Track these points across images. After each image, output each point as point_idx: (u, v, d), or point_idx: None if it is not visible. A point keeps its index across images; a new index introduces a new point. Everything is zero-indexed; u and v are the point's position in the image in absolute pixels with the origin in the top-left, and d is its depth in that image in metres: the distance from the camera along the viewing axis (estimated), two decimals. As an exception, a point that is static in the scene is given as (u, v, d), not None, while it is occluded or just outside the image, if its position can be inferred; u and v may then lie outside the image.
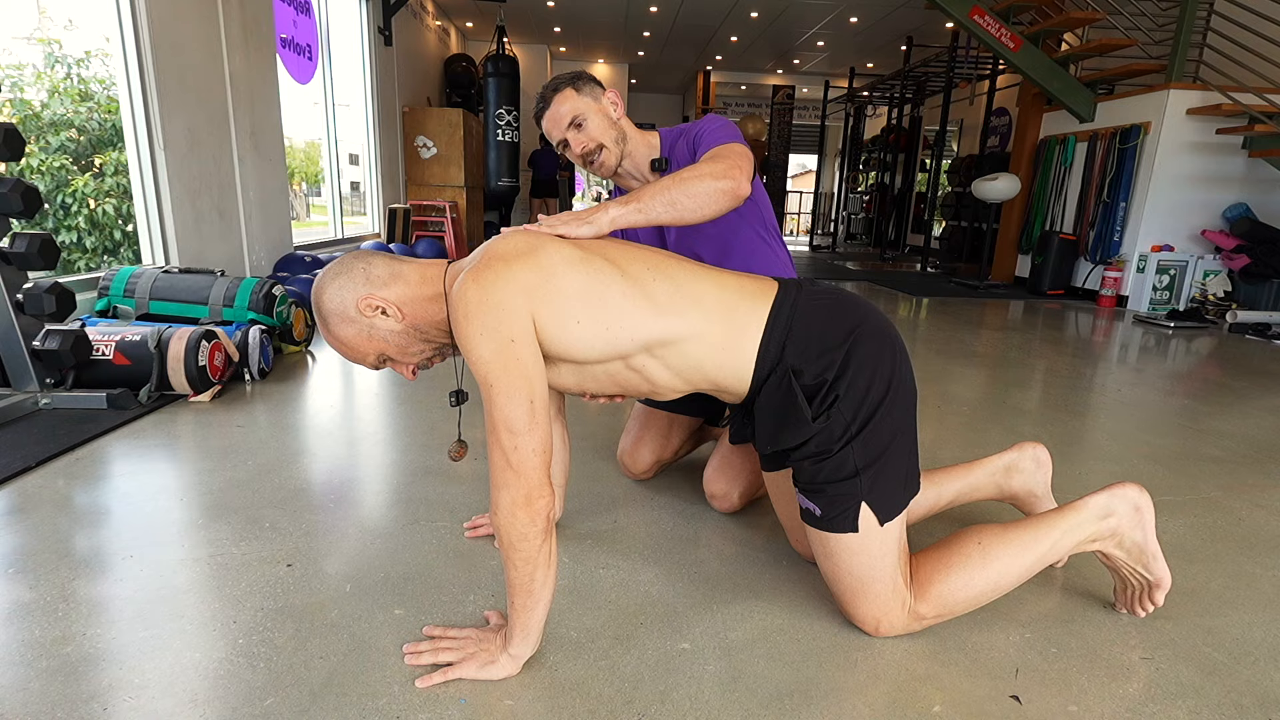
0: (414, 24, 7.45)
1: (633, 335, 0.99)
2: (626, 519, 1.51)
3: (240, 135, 3.73)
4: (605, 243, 1.05)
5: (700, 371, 1.04)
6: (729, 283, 1.06)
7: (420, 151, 7.14)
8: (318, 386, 2.47)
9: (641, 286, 0.99)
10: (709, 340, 1.02)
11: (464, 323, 0.90)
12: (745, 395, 1.08)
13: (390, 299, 1.02)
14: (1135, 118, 5.15)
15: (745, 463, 1.53)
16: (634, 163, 1.48)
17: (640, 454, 1.69)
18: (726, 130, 1.38)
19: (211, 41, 3.46)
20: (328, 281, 1.03)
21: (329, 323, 1.04)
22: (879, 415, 1.01)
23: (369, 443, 1.95)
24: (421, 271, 1.04)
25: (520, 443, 0.90)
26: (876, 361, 1.02)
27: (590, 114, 1.40)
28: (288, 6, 4.59)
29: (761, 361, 1.04)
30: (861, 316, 1.05)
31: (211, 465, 1.74)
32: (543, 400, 0.92)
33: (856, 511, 1.02)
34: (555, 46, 10.96)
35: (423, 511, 1.51)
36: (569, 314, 0.95)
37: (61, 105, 4.69)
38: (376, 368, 1.10)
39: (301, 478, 1.67)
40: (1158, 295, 5.09)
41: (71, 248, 4.89)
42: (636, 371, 1.03)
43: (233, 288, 2.57)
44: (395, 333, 1.03)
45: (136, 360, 2.12)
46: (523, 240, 0.96)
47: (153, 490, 1.59)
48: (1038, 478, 1.36)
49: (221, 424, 2.03)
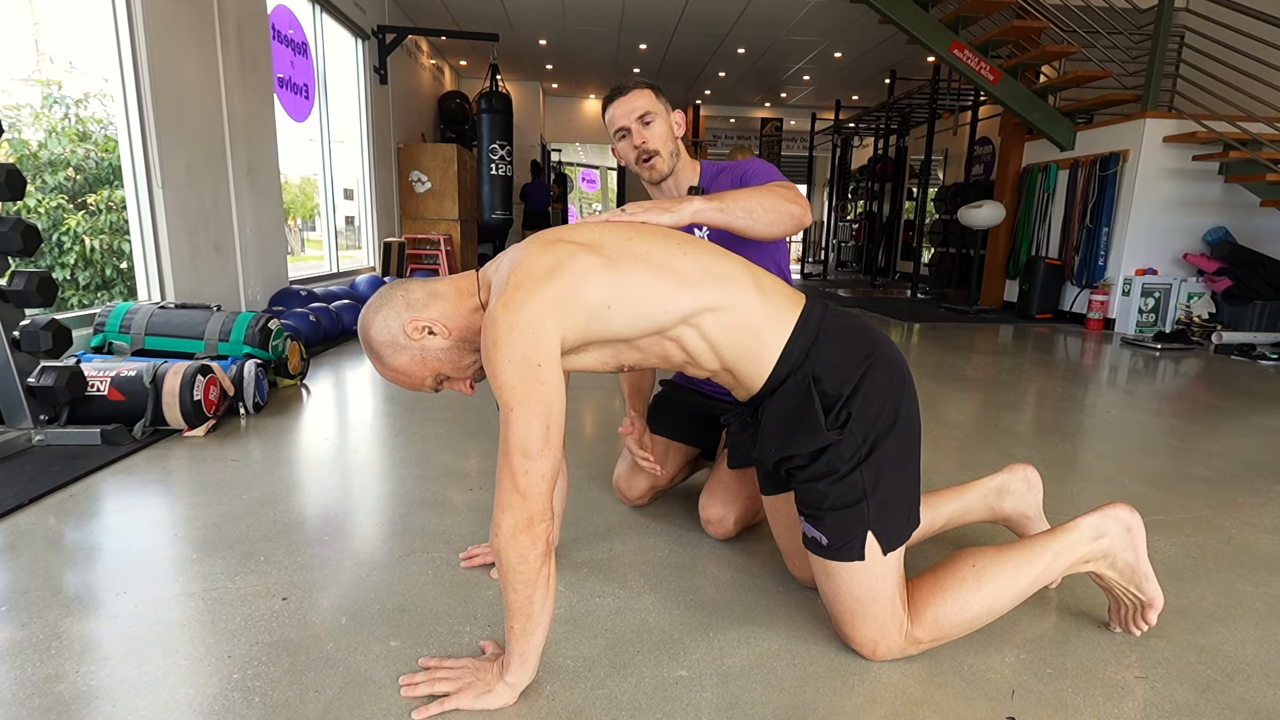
0: (409, 63, 7.61)
1: (667, 308, 0.99)
2: (623, 547, 1.52)
3: (237, 172, 3.78)
4: (633, 238, 1.04)
5: (733, 346, 1.03)
6: (763, 275, 1.08)
7: (415, 186, 7.24)
8: (312, 419, 2.47)
9: (671, 269, 1.01)
10: (744, 314, 1.03)
11: (493, 349, 0.91)
12: (757, 392, 1.08)
13: (435, 317, 1.04)
14: (1114, 146, 5.28)
15: (742, 488, 1.54)
16: (676, 181, 1.55)
17: (635, 481, 1.70)
18: (777, 171, 1.45)
19: (210, 82, 3.53)
20: (371, 315, 1.06)
21: (382, 355, 1.06)
22: (887, 442, 1.02)
23: (364, 475, 1.95)
24: (456, 285, 1.07)
25: (531, 467, 0.91)
26: (887, 390, 1.04)
27: (660, 117, 1.47)
28: (285, 48, 4.70)
29: (784, 359, 1.04)
30: (878, 345, 1.07)
31: (205, 500, 1.74)
32: (558, 426, 0.93)
33: (863, 541, 1.03)
34: (547, 83, 11.20)
35: (418, 543, 1.51)
36: (599, 306, 0.97)
37: (59, 145, 4.76)
38: (436, 390, 1.12)
39: (296, 511, 1.67)
40: (1144, 318, 5.16)
41: (65, 284, 4.92)
42: (674, 341, 1.03)
43: (228, 322, 2.59)
44: (446, 349, 1.05)
45: (131, 396, 2.12)
46: (549, 257, 0.96)
47: (146, 526, 1.58)
48: (1029, 499, 1.38)
49: (216, 458, 2.03)
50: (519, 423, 0.91)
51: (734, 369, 1.07)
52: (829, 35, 8.14)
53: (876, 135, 10.17)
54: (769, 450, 1.10)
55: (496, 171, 7.39)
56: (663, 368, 1.11)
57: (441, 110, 8.87)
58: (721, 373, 1.09)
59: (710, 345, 1.04)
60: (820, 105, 11.84)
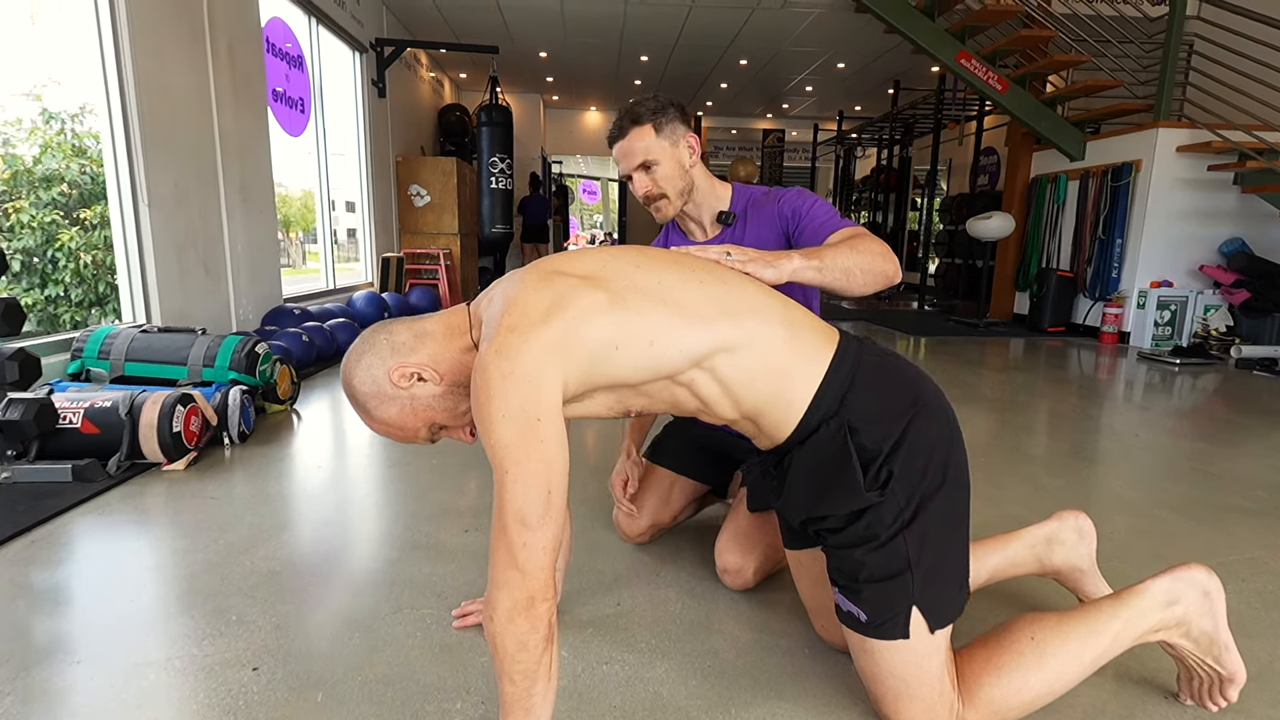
0: (408, 75, 7.54)
1: (681, 349, 0.87)
2: (631, 600, 1.39)
3: (229, 189, 3.68)
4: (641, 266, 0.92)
5: (752, 390, 0.91)
6: (791, 306, 0.96)
7: (414, 200, 7.14)
8: (301, 448, 2.35)
9: (681, 302, 0.89)
10: (767, 353, 0.90)
11: (484, 403, 0.79)
12: (783, 441, 0.95)
13: (423, 362, 0.93)
14: (1126, 156, 5.17)
15: (761, 534, 1.41)
16: (697, 210, 1.45)
17: (636, 519, 1.57)
18: (830, 207, 1.35)
19: (201, 96, 3.43)
20: (354, 364, 0.94)
21: (369, 407, 0.94)
22: (934, 504, 0.90)
23: (353, 512, 1.82)
24: (445, 323, 0.95)
25: (531, 539, 0.79)
26: (934, 443, 0.91)
27: (663, 160, 1.35)
28: (280, 61, 4.61)
29: (816, 406, 0.91)
30: (922, 390, 0.95)
31: (180, 544, 1.61)
32: (561, 489, 0.81)
33: (907, 617, 0.90)
34: (548, 96, 11.14)
35: (407, 597, 1.38)
36: (604, 347, 0.85)
37: (54, 160, 4.67)
38: (432, 440, 1.00)
39: (276, 558, 1.54)
40: (1160, 331, 5.03)
41: (59, 301, 4.82)
42: (685, 386, 0.91)
43: (213, 347, 2.47)
44: (439, 396, 0.94)
45: (106, 428, 2.00)
46: (547, 293, 0.84)
47: (112, 577, 1.46)
48: (1081, 550, 1.25)
49: (195, 495, 1.90)
50: (516, 487, 0.79)
51: (756, 417, 0.94)
52: (832, 46, 8.07)
53: (880, 146, 10.09)
54: (796, 508, 0.97)
55: (497, 185, 7.30)
56: (675, 412, 0.99)
57: (441, 123, 8.79)
58: (741, 421, 0.96)
59: (726, 391, 0.91)
60: (823, 116, 11.77)
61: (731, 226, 1.44)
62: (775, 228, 1.39)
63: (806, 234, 1.32)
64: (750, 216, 1.43)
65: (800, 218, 1.35)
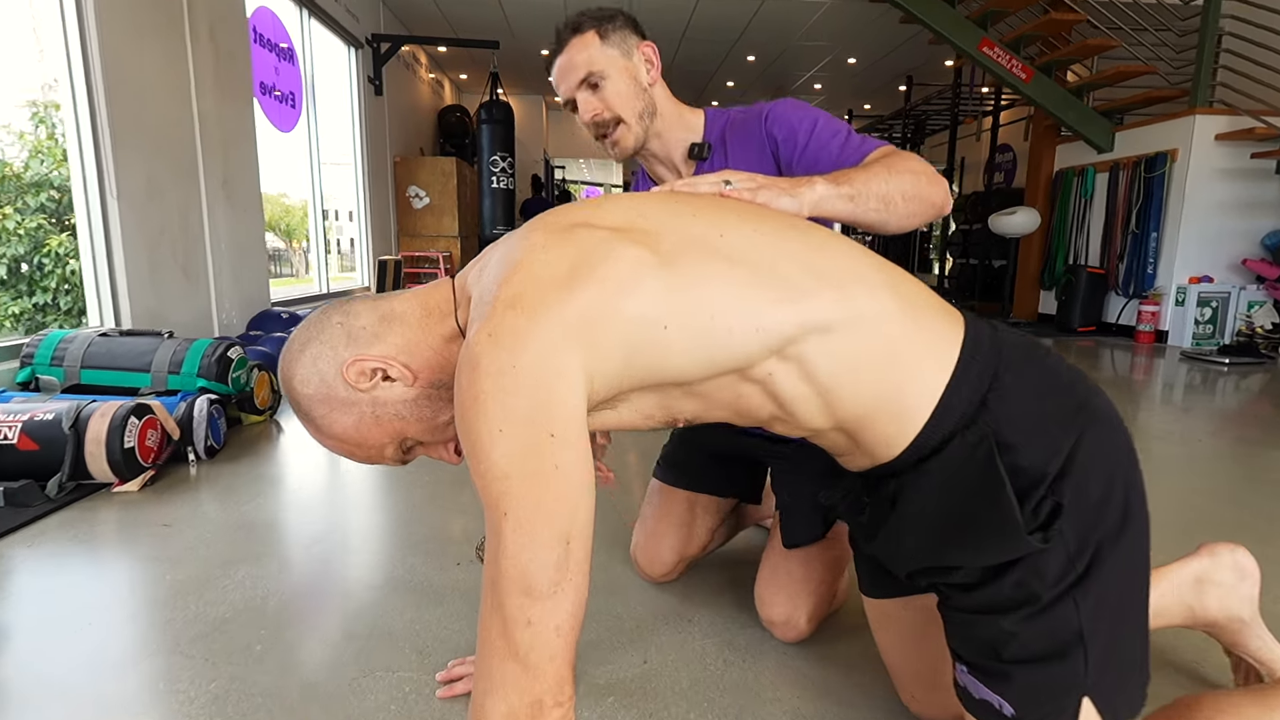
0: (406, 75, 7.32)
1: (758, 328, 0.61)
2: (660, 656, 1.11)
3: (210, 183, 3.43)
4: (698, 213, 0.67)
5: (855, 389, 0.64)
6: (894, 270, 0.69)
7: (412, 202, 6.91)
8: (275, 466, 2.08)
9: (763, 267, 0.63)
10: (877, 336, 0.64)
11: (473, 412, 0.54)
12: (890, 460, 0.68)
13: (390, 354, 0.68)
14: (1159, 145, 4.90)
15: (810, 571, 1.15)
16: (664, 145, 1.14)
17: (659, 551, 1.30)
18: (849, 130, 1.03)
19: (178, 83, 3.19)
20: (294, 356, 0.69)
21: (314, 416, 0.69)
22: (1114, 551, 0.63)
23: (330, 542, 1.55)
24: (422, 302, 0.71)
25: (539, 614, 0.54)
26: (1113, 462, 0.65)
27: (613, 73, 1.06)
28: (269, 53, 4.38)
29: (945, 410, 0.64)
30: (1086, 389, 0.68)
31: (116, 586, 1.35)
32: (584, 539, 0.56)
33: (1075, 711, 0.63)
34: (550, 96, 10.94)
35: (381, 654, 1.11)
36: (649, 327, 0.59)
37: (42, 165, 4.46)
38: (402, 461, 0.74)
39: (227, 602, 1.27)
40: (1200, 329, 4.75)
41: (46, 309, 4.59)
42: (758, 384, 0.65)
43: (180, 351, 2.21)
44: (411, 401, 0.69)
45: (47, 444, 1.74)
46: (568, 251, 0.59)
47: (27, 631, 1.19)
48: (1240, 593, 0.97)
49: (146, 522, 1.64)
50: (518, 537, 0.53)
51: (856, 427, 0.67)
52: (842, 40, 7.83)
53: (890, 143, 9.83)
54: (906, 555, 0.70)
55: (498, 185, 7.06)
56: (736, 421, 0.72)
57: (441, 124, 8.58)
58: (829, 433, 0.69)
59: (818, 390, 0.65)
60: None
61: (707, 160, 1.13)
62: (763, 153, 1.07)
63: (820, 167, 1.01)
64: (730, 144, 1.11)
65: (799, 140, 1.03)
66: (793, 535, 1.16)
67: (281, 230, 10.73)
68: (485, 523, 0.57)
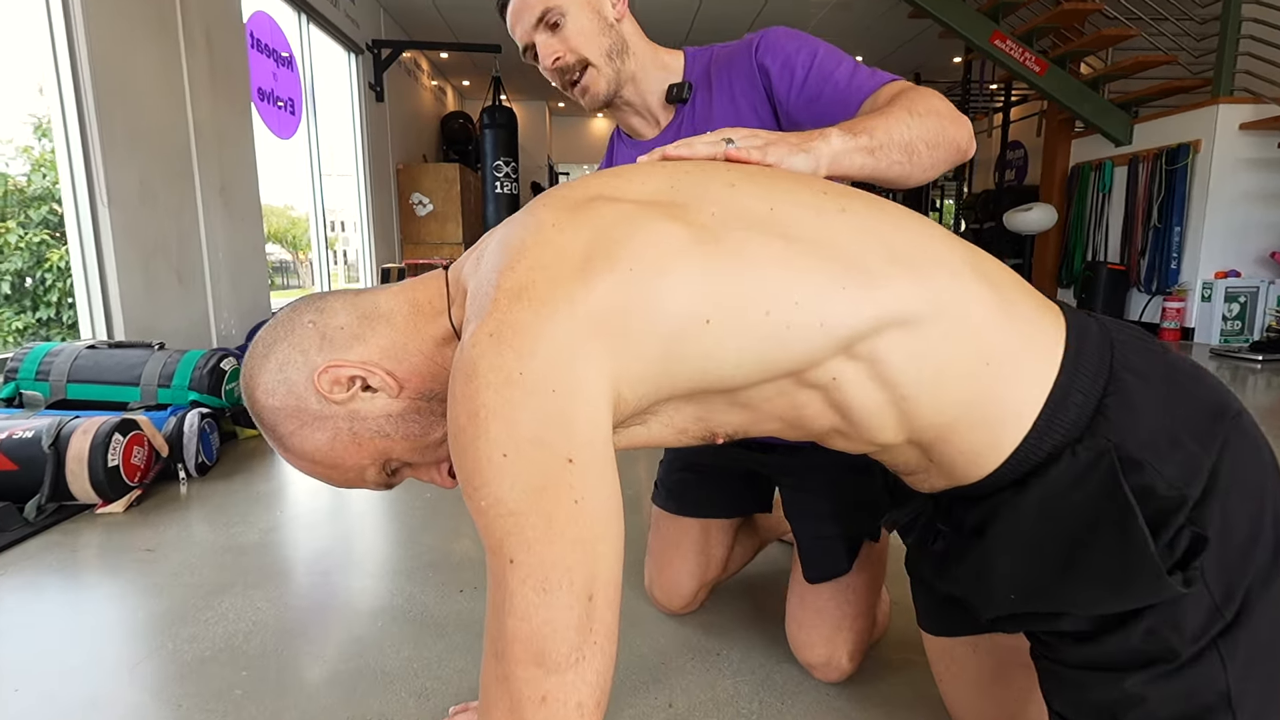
0: (408, 82, 7.26)
1: (823, 321, 0.50)
2: (687, 699, 0.99)
3: (207, 189, 3.34)
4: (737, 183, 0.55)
5: (939, 394, 0.53)
6: (978, 253, 0.57)
7: (416, 209, 6.84)
8: (273, 481, 1.98)
9: (826, 245, 0.51)
10: (966, 331, 0.52)
11: (471, 430, 0.44)
12: (979, 480, 0.57)
13: (370, 359, 0.57)
14: (1181, 137, 4.76)
15: (843, 603, 1.02)
16: (639, 90, 0.99)
17: (676, 580, 1.17)
18: (855, 62, 0.88)
19: (172, 86, 3.11)
20: (258, 360, 0.58)
21: (279, 433, 0.58)
22: (1270, 593, 0.51)
23: (323, 566, 1.44)
24: (410, 298, 0.61)
25: (555, 689, 0.43)
26: (1260, 485, 0.52)
27: (572, 8, 0.92)
28: (267, 58, 4.30)
29: (1050, 419, 0.52)
30: (1223, 392, 0.55)
31: (94, 616, 1.24)
32: (610, 589, 0.45)
33: None
34: (553, 102, 10.88)
35: (374, 699, 0.99)
36: (689, 322, 0.48)
37: (45, 178, 4.40)
38: (387, 485, 0.63)
39: (208, 638, 1.16)
40: (1229, 325, 4.60)
41: (50, 324, 4.53)
42: (819, 390, 0.53)
43: (170, 363, 2.11)
44: (395, 416, 0.58)
45: (26, 463, 1.64)
46: (583, 231, 0.48)
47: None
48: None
49: (127, 547, 1.53)
50: (527, 591, 0.43)
51: (935, 439, 0.55)
52: (849, 36, 7.71)
53: (898, 143, 9.70)
54: (997, 595, 0.58)
55: (501, 190, 6.97)
56: (787, 436, 0.60)
57: (444, 131, 8.51)
58: (901, 448, 0.57)
59: (894, 397, 0.53)
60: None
61: (687, 102, 0.98)
62: (754, 87, 0.93)
63: (820, 99, 0.87)
64: (716, 82, 0.96)
65: (796, 72, 0.89)
66: (814, 569, 1.03)
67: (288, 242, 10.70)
68: (487, 569, 0.46)
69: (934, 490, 0.61)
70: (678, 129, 0.99)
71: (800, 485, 1.05)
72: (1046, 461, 0.53)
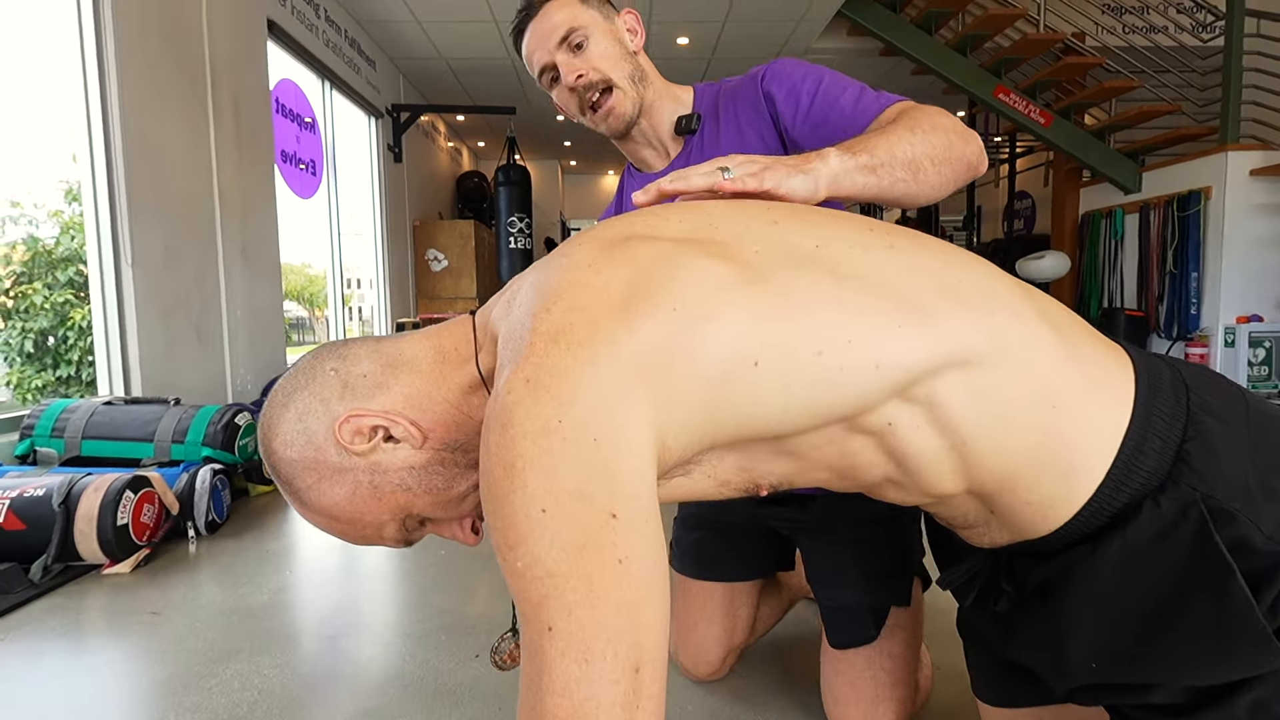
0: (425, 143, 7.50)
1: (878, 362, 0.47)
2: (718, 776, 0.92)
3: (229, 250, 3.41)
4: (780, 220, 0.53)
5: (1003, 441, 0.49)
6: (1037, 294, 0.54)
7: (431, 265, 6.96)
8: (284, 539, 1.93)
9: (878, 283, 0.49)
10: (1031, 369, 0.49)
11: (502, 481, 0.41)
12: (1046, 535, 0.52)
13: (394, 408, 0.54)
14: (1191, 184, 4.78)
15: (879, 671, 0.96)
16: (652, 122, 0.99)
17: (703, 646, 1.11)
18: (857, 81, 0.89)
19: (199, 152, 3.21)
20: (277, 410, 0.56)
21: (296, 486, 0.56)
22: None
23: (332, 630, 1.38)
24: (435, 344, 0.58)
25: None
26: None
27: (596, 33, 0.93)
28: (290, 123, 4.46)
29: (1127, 465, 0.49)
30: None
31: (94, 683, 1.19)
32: (658, 658, 0.41)
33: None
34: (565, 161, 11.18)
35: (385, 777, 0.93)
36: (737, 363, 0.45)
37: (73, 240, 4.54)
38: (407, 542, 0.60)
39: (213, 707, 1.10)
40: (1255, 371, 4.50)
41: (70, 381, 4.58)
42: (872, 437, 0.50)
43: (185, 419, 2.11)
44: (418, 468, 0.55)
45: (34, 523, 1.61)
46: (623, 271, 0.46)
47: (-24, 746, 1.03)
48: None
49: (134, 609, 1.48)
50: (569, 664, 0.39)
51: (999, 490, 0.52)
52: (853, 95, 7.92)
53: (905, 195, 9.83)
54: (1073, 663, 0.53)
55: (515, 245, 7.10)
56: (835, 487, 0.56)
57: (460, 189, 8.74)
58: (960, 499, 0.53)
59: (954, 443, 0.50)
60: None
61: (696, 133, 0.98)
62: (760, 116, 0.93)
63: (825, 123, 0.87)
64: (723, 113, 0.96)
65: (802, 99, 0.88)
66: (839, 636, 0.97)
67: (304, 299, 10.85)
68: (520, 635, 0.42)
69: (995, 545, 0.56)
70: (685, 160, 1.00)
71: (818, 544, 1.00)
72: (1125, 513, 0.49)
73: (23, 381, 4.55)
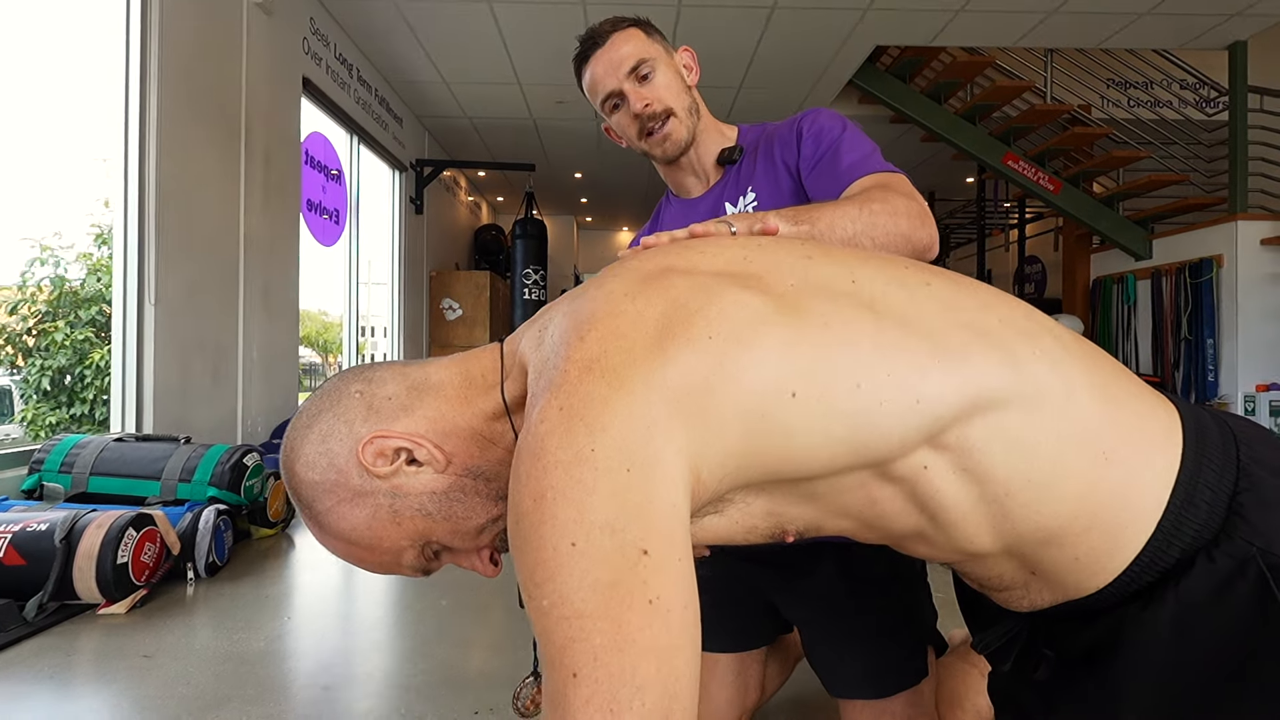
0: (446, 196, 7.71)
1: (916, 401, 0.45)
2: None
3: (250, 293, 3.48)
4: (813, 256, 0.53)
5: (1042, 490, 0.47)
6: (1075, 336, 0.53)
7: (445, 313, 7.05)
8: (283, 584, 1.89)
9: (914, 320, 0.48)
10: (1068, 413, 0.47)
11: (532, 513, 0.40)
12: (1090, 594, 0.49)
13: (418, 431, 0.53)
14: (1201, 252, 4.81)
15: None
16: (699, 151, 1.05)
17: (716, 711, 1.06)
18: (870, 145, 0.94)
19: (229, 199, 3.31)
20: (301, 431, 0.54)
21: (316, 509, 0.54)
22: None
23: (326, 681, 1.34)
24: (462, 370, 0.57)
25: None
26: None
27: (661, 65, 0.99)
28: (318, 174, 4.61)
29: (1177, 519, 0.46)
30: None
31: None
32: (689, 708, 0.39)
33: None
34: (581, 217, 11.44)
35: (374, 841, 0.88)
36: (774, 395, 0.44)
37: (99, 281, 4.66)
38: (425, 571, 0.58)
39: (198, 759, 1.06)
40: (1277, 441, 4.41)
41: (82, 419, 4.62)
42: (900, 484, 0.48)
43: (194, 458, 2.10)
44: (439, 495, 0.53)
45: (35, 558, 1.59)
46: (658, 302, 0.46)
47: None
48: None
49: (126, 652, 1.44)
50: (591, 712, 0.37)
51: (1039, 547, 0.49)
52: (864, 160, 8.11)
53: (916, 257, 9.95)
54: None
55: (530, 296, 7.20)
56: (860, 537, 0.54)
57: (477, 241, 8.94)
58: (996, 559, 0.51)
59: (990, 494, 0.48)
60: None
61: (736, 164, 1.04)
62: (789, 150, 1.00)
63: (821, 172, 0.93)
64: (762, 149, 1.03)
65: (821, 143, 0.95)
66: (840, 688, 0.96)
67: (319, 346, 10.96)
68: (543, 680, 0.40)
69: (1034, 608, 0.54)
70: (722, 188, 1.06)
71: (810, 619, 0.98)
72: (1176, 570, 0.47)
73: (37, 418, 4.58)
